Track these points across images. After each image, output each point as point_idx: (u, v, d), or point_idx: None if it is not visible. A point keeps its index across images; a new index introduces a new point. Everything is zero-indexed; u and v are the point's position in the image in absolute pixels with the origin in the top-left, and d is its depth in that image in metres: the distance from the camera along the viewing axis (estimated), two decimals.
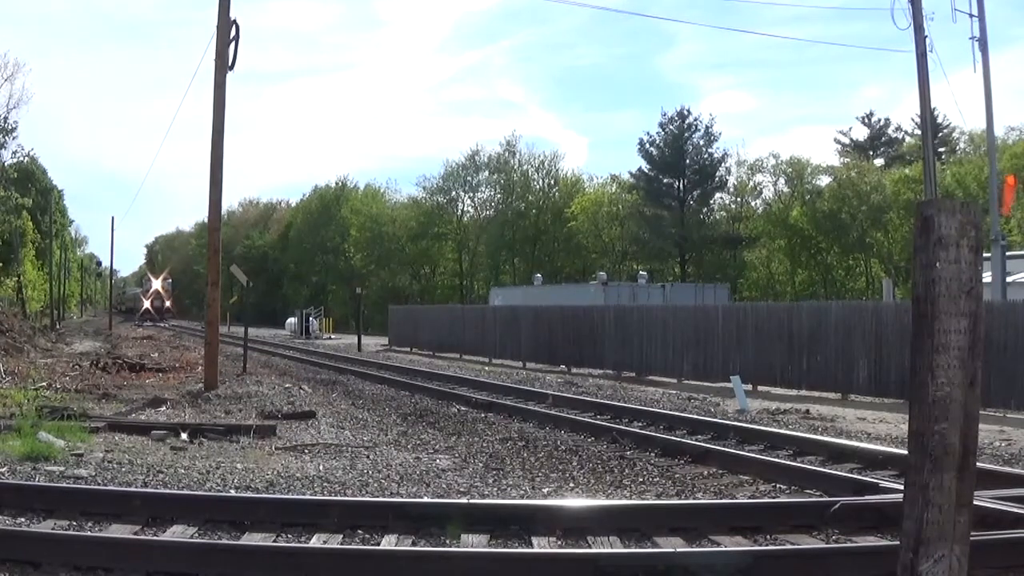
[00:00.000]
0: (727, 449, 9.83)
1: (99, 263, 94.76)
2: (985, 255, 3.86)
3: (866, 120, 60.51)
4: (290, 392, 16.00)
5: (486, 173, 63.06)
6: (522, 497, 7.61)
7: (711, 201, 53.80)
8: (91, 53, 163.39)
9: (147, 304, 76.62)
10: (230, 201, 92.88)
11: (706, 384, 19.86)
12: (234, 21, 16.15)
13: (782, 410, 14.64)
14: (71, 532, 5.84)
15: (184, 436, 10.35)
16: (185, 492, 7.24)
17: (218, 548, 5.40)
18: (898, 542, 2.91)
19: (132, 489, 7.12)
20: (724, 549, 5.61)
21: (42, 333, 36.26)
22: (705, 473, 8.82)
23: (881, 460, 8.99)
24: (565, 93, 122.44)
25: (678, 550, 5.49)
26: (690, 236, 50.29)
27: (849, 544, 5.78)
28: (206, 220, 19.09)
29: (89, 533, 5.82)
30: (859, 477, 7.90)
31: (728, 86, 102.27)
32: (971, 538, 2.87)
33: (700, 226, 51.56)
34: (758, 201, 53.75)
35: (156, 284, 78.98)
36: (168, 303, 78.20)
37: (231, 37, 16.18)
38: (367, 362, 26.46)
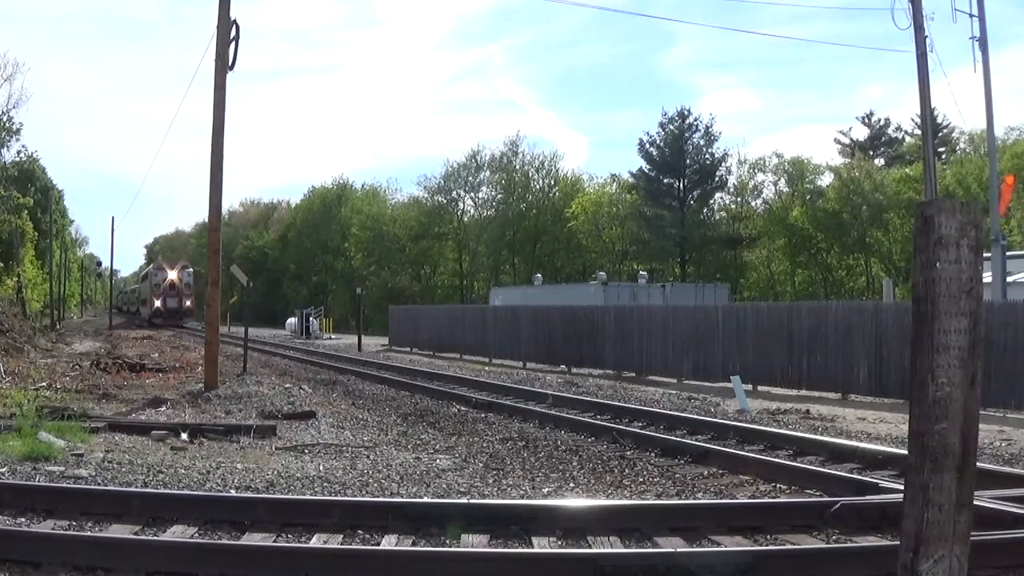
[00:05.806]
0: (727, 449, 9.83)
1: (99, 263, 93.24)
2: (985, 255, 3.85)
3: (866, 120, 60.62)
4: (290, 392, 16.00)
5: (487, 173, 63.10)
6: (522, 497, 7.61)
7: (711, 201, 53.81)
8: (91, 53, 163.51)
9: (158, 303, 59.50)
10: (230, 201, 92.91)
11: (706, 384, 19.85)
12: (234, 21, 16.17)
13: (782, 410, 14.63)
14: (71, 532, 5.84)
15: (184, 436, 10.36)
16: (185, 492, 7.24)
17: (218, 548, 5.40)
18: (898, 542, 2.91)
19: (132, 489, 7.13)
20: (724, 549, 5.61)
21: (42, 333, 36.30)
22: (705, 473, 8.82)
23: (881, 460, 8.99)
24: (565, 92, 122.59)
25: (678, 550, 5.48)
26: (690, 236, 50.26)
27: (849, 544, 5.78)
28: (206, 220, 19.10)
29: (89, 533, 5.82)
30: (859, 477, 7.90)
31: (729, 85, 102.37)
32: (971, 538, 2.87)
33: (700, 226, 51.54)
34: (758, 201, 53.82)
35: (171, 275, 60.58)
36: (189, 302, 60.48)
37: (231, 37, 16.19)
38: (367, 362, 26.45)
